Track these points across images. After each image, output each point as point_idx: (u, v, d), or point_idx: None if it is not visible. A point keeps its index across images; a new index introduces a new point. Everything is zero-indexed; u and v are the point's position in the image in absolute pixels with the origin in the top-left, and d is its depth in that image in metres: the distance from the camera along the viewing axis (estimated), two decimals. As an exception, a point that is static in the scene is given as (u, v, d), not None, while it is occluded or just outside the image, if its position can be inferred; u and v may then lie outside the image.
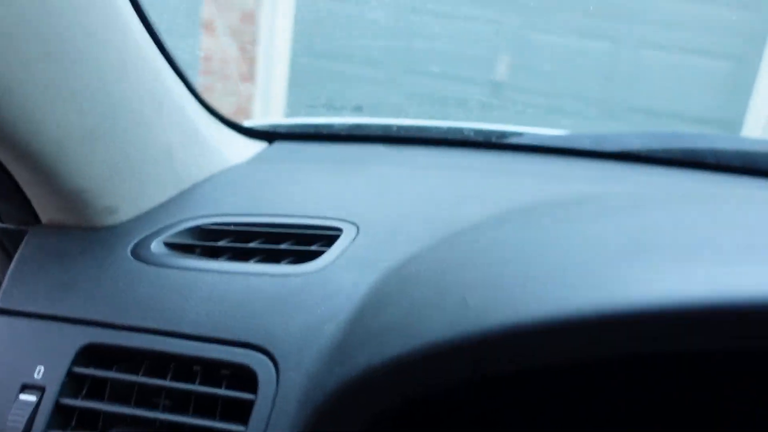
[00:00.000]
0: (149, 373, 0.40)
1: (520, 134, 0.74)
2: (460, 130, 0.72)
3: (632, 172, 0.65)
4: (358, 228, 0.49)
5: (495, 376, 0.29)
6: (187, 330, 0.40)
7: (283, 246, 0.47)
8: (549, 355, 0.26)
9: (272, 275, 0.44)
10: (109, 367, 0.40)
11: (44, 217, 0.47)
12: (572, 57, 2.96)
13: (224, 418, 0.38)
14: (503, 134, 0.73)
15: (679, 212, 0.34)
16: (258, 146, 0.65)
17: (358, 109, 0.71)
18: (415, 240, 0.46)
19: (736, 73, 2.85)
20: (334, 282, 0.43)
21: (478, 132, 0.72)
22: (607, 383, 0.32)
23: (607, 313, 0.24)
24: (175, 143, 0.48)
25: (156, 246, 0.46)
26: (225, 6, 3.08)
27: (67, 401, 0.39)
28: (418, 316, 0.32)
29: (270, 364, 0.38)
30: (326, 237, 0.47)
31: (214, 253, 0.47)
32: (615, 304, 0.24)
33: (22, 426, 0.39)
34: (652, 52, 2.97)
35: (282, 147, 0.66)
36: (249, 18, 3.05)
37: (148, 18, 0.45)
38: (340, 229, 0.48)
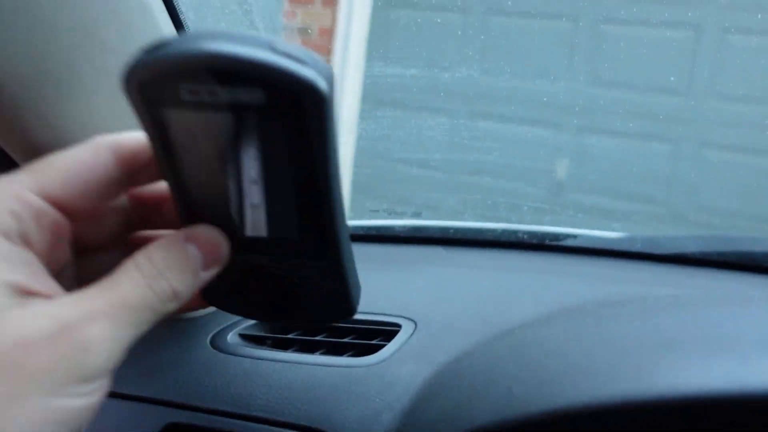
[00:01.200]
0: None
1: (573, 236, 0.77)
2: (514, 233, 0.76)
3: (684, 275, 0.67)
4: (416, 324, 0.52)
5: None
6: (256, 413, 0.44)
7: (346, 340, 0.51)
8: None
9: (335, 366, 0.48)
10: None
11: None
12: (632, 159, 2.98)
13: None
14: (556, 236, 0.77)
15: (714, 312, 0.37)
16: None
17: (417, 215, 0.76)
18: (468, 336, 0.50)
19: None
20: (392, 374, 0.46)
21: (531, 234, 0.75)
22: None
23: (633, 400, 0.27)
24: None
25: (232, 337, 0.51)
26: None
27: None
28: (468, 405, 0.35)
29: (331, 450, 0.42)
30: (386, 332, 0.51)
31: (283, 345, 0.51)
32: (640, 393, 0.27)
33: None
34: (716, 152, 2.96)
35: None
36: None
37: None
38: (399, 325, 0.52)
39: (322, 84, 0.26)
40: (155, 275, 0.27)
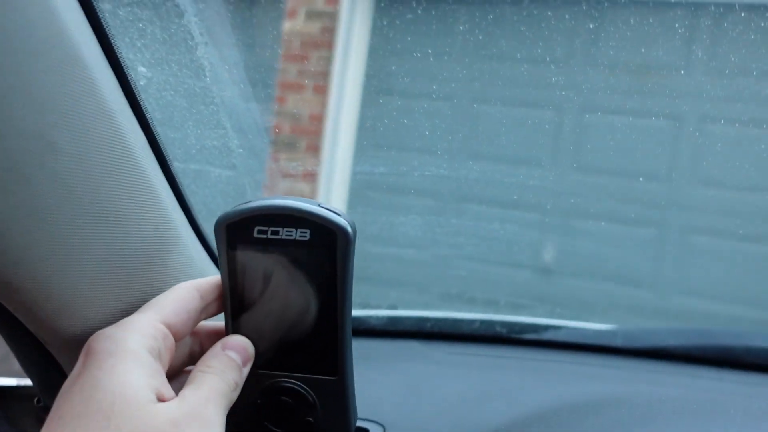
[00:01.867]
0: None
1: (555, 328, 0.76)
2: (492, 325, 0.74)
3: (664, 371, 0.65)
4: (384, 429, 0.50)
5: None
6: None
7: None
8: None
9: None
10: None
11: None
12: (619, 242, 3.00)
13: None
14: (535, 329, 0.75)
15: (691, 423, 0.35)
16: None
17: (392, 308, 0.75)
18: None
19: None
20: (357, 486, 0.43)
21: (510, 327, 0.74)
22: None
23: None
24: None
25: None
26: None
27: None
28: None
29: None
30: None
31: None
32: None
33: None
34: (701, 237, 2.99)
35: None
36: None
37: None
38: (367, 430, 0.50)
39: (350, 229, 0.40)
40: (221, 372, 0.38)
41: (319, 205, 0.41)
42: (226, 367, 0.39)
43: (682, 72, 3.01)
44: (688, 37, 3.01)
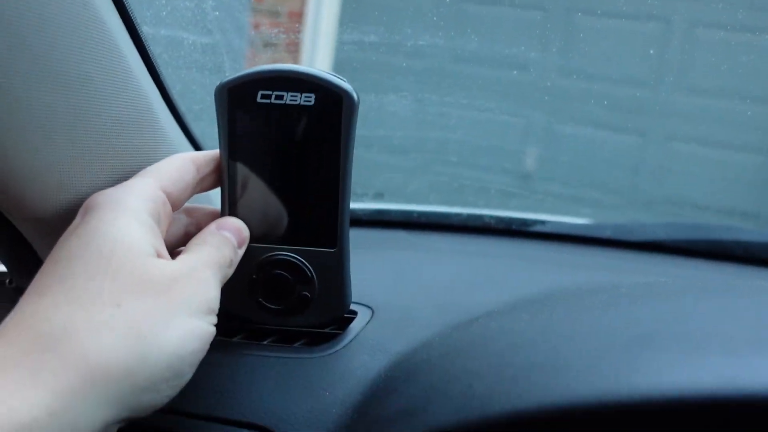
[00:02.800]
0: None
1: (541, 222, 0.74)
2: (480, 217, 0.73)
3: (654, 262, 0.65)
4: (372, 311, 0.49)
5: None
6: (190, 409, 0.40)
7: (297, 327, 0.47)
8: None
9: (284, 357, 0.43)
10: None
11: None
12: (600, 149, 2.99)
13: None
14: (524, 222, 0.74)
15: (694, 303, 0.34)
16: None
17: (379, 196, 0.72)
18: (428, 326, 0.46)
19: (765, 167, 2.84)
20: (345, 366, 0.42)
21: (498, 219, 0.72)
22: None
23: (610, 401, 0.24)
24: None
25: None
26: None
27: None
28: (424, 403, 0.31)
29: (275, 447, 0.38)
30: (341, 320, 0.47)
31: (227, 333, 0.47)
32: (618, 393, 0.24)
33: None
34: (681, 145, 2.98)
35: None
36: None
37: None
38: (355, 312, 0.48)
39: (355, 94, 0.40)
40: (216, 246, 0.37)
41: (324, 71, 0.40)
42: (221, 243, 0.38)
43: (674, -28, 2.91)
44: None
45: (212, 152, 0.42)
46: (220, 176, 0.42)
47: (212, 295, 0.35)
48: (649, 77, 2.97)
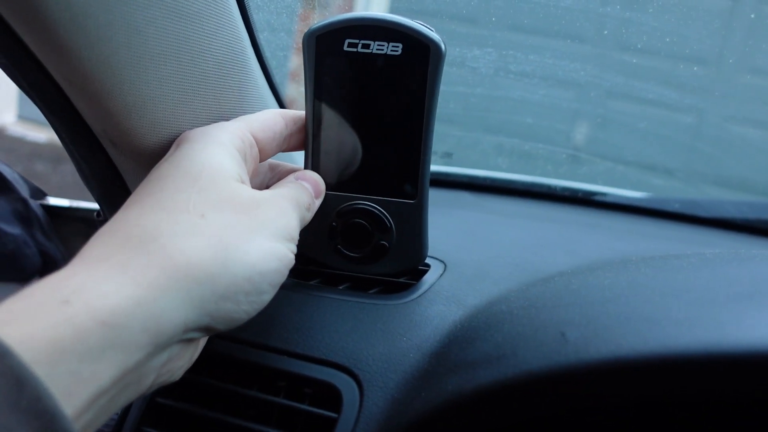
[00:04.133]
0: (237, 383, 0.41)
1: (605, 194, 0.74)
2: (546, 185, 0.73)
3: (724, 238, 0.64)
4: (445, 265, 0.50)
5: (586, 410, 0.29)
6: (276, 344, 0.41)
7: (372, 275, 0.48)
8: (649, 391, 0.26)
9: (361, 302, 0.45)
10: (200, 373, 0.42)
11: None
12: (654, 128, 2.92)
13: (305, 433, 0.39)
14: (590, 192, 0.73)
15: (735, 266, 0.34)
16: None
17: (447, 155, 0.73)
18: (502, 281, 0.47)
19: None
20: (420, 314, 0.43)
21: (563, 188, 0.72)
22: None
23: (716, 352, 0.24)
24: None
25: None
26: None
27: (161, 400, 0.41)
28: (513, 348, 0.32)
29: (354, 384, 0.39)
30: (414, 271, 0.48)
31: (304, 276, 0.48)
32: (723, 344, 0.24)
33: (115, 420, 0.41)
34: (739, 127, 2.90)
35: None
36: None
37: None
38: (428, 265, 0.49)
39: (443, 45, 0.40)
40: (295, 190, 0.39)
41: (414, 21, 0.40)
42: (300, 189, 0.40)
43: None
44: None
45: (300, 112, 0.43)
46: (305, 122, 0.43)
47: (292, 224, 0.36)
48: (711, 55, 2.87)
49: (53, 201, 0.67)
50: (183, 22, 0.36)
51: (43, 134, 4.35)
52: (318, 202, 0.42)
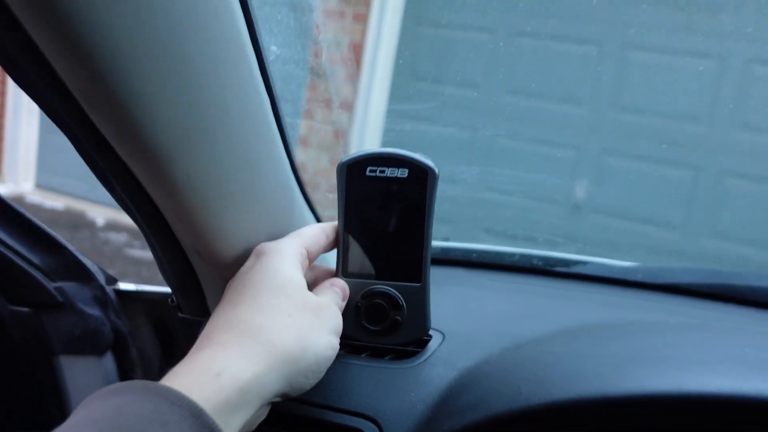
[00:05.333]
0: (288, 430, 0.56)
1: (583, 263, 0.90)
2: (529, 258, 0.88)
3: (676, 303, 0.79)
4: (444, 336, 0.65)
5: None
6: (314, 399, 0.57)
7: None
8: (574, 424, 0.41)
9: (379, 367, 0.60)
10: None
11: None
12: (653, 183, 3.07)
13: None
14: (567, 263, 0.89)
15: (678, 336, 0.49)
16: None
17: (446, 239, 0.89)
18: (488, 348, 0.62)
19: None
20: (425, 375, 0.59)
21: (545, 260, 0.88)
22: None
23: (606, 397, 0.39)
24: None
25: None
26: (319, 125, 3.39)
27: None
28: (486, 399, 0.47)
29: (376, 429, 0.54)
30: (419, 341, 0.64)
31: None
32: (610, 392, 0.39)
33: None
34: (734, 180, 3.04)
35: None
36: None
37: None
38: (431, 336, 0.65)
39: (437, 170, 0.57)
40: (334, 295, 0.56)
41: (414, 153, 0.58)
42: (335, 294, 0.56)
43: (731, 11, 2.99)
44: (739, -27, 2.97)
45: (333, 224, 0.60)
46: (338, 230, 0.59)
47: (340, 322, 0.53)
48: (703, 113, 3.05)
49: (122, 286, 0.83)
50: (246, 173, 0.52)
51: (60, 202, 4.55)
52: (344, 303, 0.58)
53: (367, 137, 3.39)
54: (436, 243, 0.89)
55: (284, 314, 0.48)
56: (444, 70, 3.34)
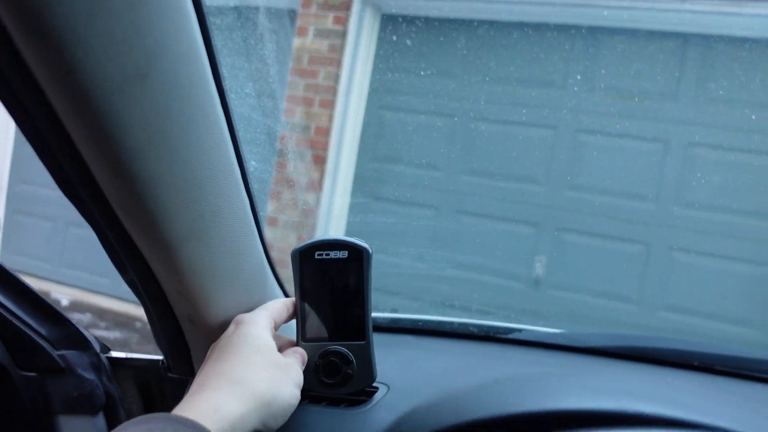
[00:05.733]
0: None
1: (515, 330, 1.06)
2: (466, 326, 1.05)
3: (587, 362, 0.96)
4: (389, 387, 0.80)
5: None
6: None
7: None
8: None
9: (334, 413, 0.75)
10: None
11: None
12: (607, 258, 3.28)
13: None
14: (500, 330, 1.05)
15: (564, 381, 0.66)
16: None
17: (394, 311, 1.05)
18: (424, 396, 0.77)
19: (759, 277, 3.10)
20: (371, 419, 0.74)
21: (480, 327, 1.04)
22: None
23: (509, 414, 0.55)
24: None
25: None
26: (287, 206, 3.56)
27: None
28: (420, 424, 0.63)
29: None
30: (368, 392, 0.79)
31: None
32: (512, 411, 0.55)
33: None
34: (682, 255, 3.26)
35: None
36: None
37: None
38: (377, 388, 0.80)
39: (370, 250, 0.73)
40: (297, 357, 0.70)
41: (348, 238, 0.74)
42: (296, 358, 0.71)
43: (672, 99, 3.29)
44: (678, 66, 3.29)
45: (292, 299, 0.75)
46: (296, 304, 0.74)
47: (301, 378, 0.68)
48: (650, 192, 3.30)
49: (114, 354, 0.97)
50: (236, 258, 0.69)
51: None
52: (303, 366, 0.72)
53: (334, 218, 3.57)
54: (386, 314, 1.05)
55: (261, 369, 0.63)
56: (405, 152, 3.57)
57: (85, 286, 4.49)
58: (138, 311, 3.86)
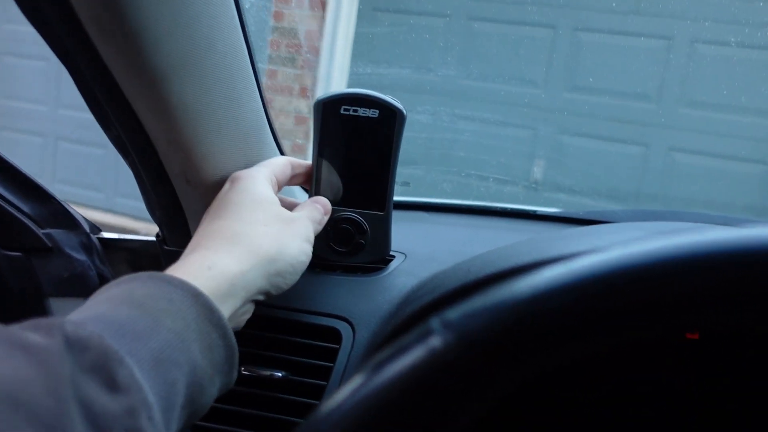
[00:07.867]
0: (270, 332, 0.65)
1: (533, 211, 1.00)
2: (481, 207, 0.99)
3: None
4: (405, 256, 0.75)
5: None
6: (297, 305, 0.66)
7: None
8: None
9: (350, 279, 0.69)
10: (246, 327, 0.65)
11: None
12: (605, 160, 3.22)
13: (318, 359, 0.63)
14: (515, 210, 0.99)
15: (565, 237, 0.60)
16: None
17: (405, 184, 0.98)
18: (443, 263, 0.72)
19: (761, 174, 3.06)
20: (390, 283, 0.68)
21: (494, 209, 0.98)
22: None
23: (535, 261, 0.49)
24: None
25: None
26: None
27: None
28: (441, 284, 0.57)
29: (349, 327, 0.64)
30: (386, 260, 0.73)
31: (312, 266, 0.73)
32: (538, 258, 0.50)
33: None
34: (682, 155, 3.20)
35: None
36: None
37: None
38: (394, 256, 0.74)
39: (404, 111, 0.65)
40: (313, 210, 0.63)
41: (385, 95, 0.66)
42: (315, 210, 0.63)
43: (676, -7, 3.14)
44: (684, -43, 3.13)
45: (304, 162, 0.68)
46: (312, 161, 0.67)
47: (311, 233, 0.60)
48: (652, 91, 3.21)
49: (106, 235, 0.90)
50: (232, 107, 0.61)
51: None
52: (326, 218, 0.65)
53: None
54: (398, 196, 0.99)
55: (260, 224, 0.56)
56: (401, 55, 3.43)
57: (79, 201, 4.41)
58: (136, 225, 3.81)
